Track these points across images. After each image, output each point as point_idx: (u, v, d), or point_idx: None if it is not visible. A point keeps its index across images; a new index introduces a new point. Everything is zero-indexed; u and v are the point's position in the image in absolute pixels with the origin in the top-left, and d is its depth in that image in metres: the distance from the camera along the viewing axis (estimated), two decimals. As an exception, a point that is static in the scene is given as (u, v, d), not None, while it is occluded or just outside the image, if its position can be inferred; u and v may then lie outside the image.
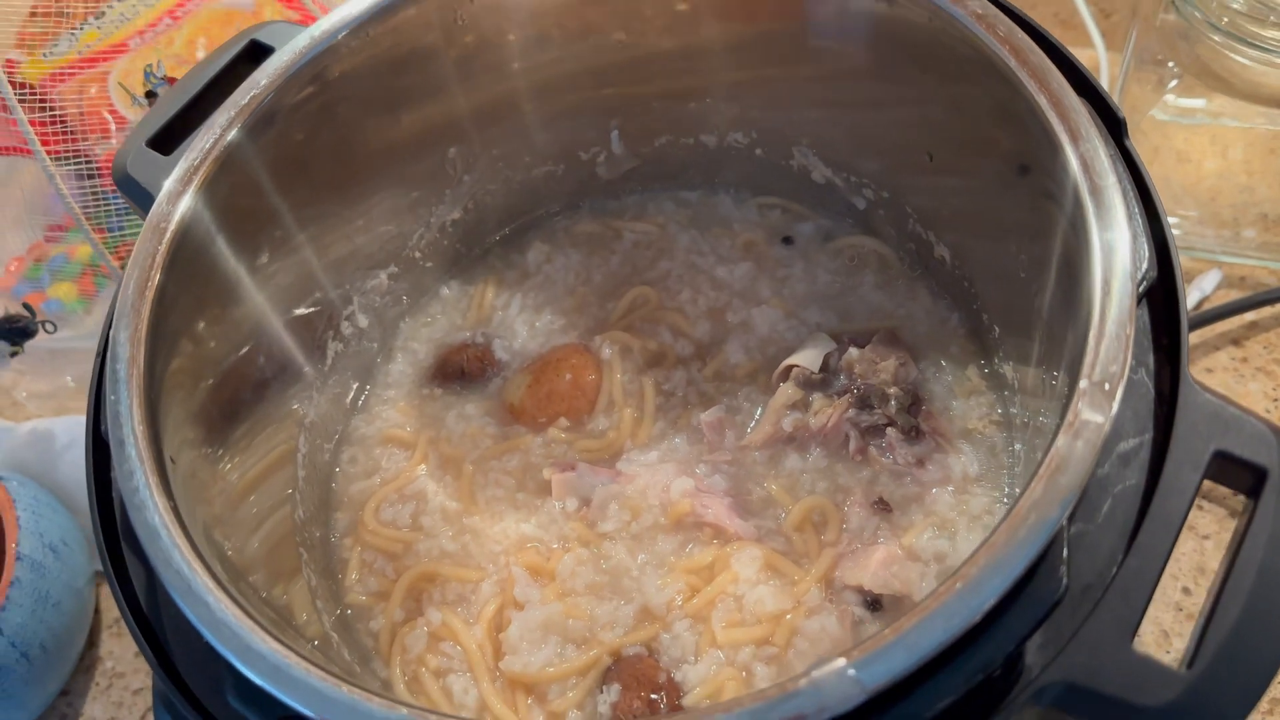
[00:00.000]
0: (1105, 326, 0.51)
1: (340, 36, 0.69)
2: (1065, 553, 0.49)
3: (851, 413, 0.75)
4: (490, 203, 0.85)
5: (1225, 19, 0.89)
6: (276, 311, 0.73)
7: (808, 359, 0.77)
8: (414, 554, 0.76)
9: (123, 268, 1.04)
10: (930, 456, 0.74)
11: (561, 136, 0.84)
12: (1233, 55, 0.92)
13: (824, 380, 0.76)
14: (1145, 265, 0.55)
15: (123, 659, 0.95)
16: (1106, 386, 0.50)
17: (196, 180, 0.64)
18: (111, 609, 0.97)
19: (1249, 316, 0.98)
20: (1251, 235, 1.06)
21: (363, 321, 0.82)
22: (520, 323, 0.85)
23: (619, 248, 0.88)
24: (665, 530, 0.74)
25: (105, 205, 1.11)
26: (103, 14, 1.17)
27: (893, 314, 0.81)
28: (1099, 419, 0.49)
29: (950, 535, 0.72)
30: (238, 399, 0.69)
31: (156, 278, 0.60)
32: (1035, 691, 0.48)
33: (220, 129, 0.65)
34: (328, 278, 0.77)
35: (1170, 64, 0.97)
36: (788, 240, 0.86)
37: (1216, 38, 0.91)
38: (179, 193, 0.63)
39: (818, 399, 0.76)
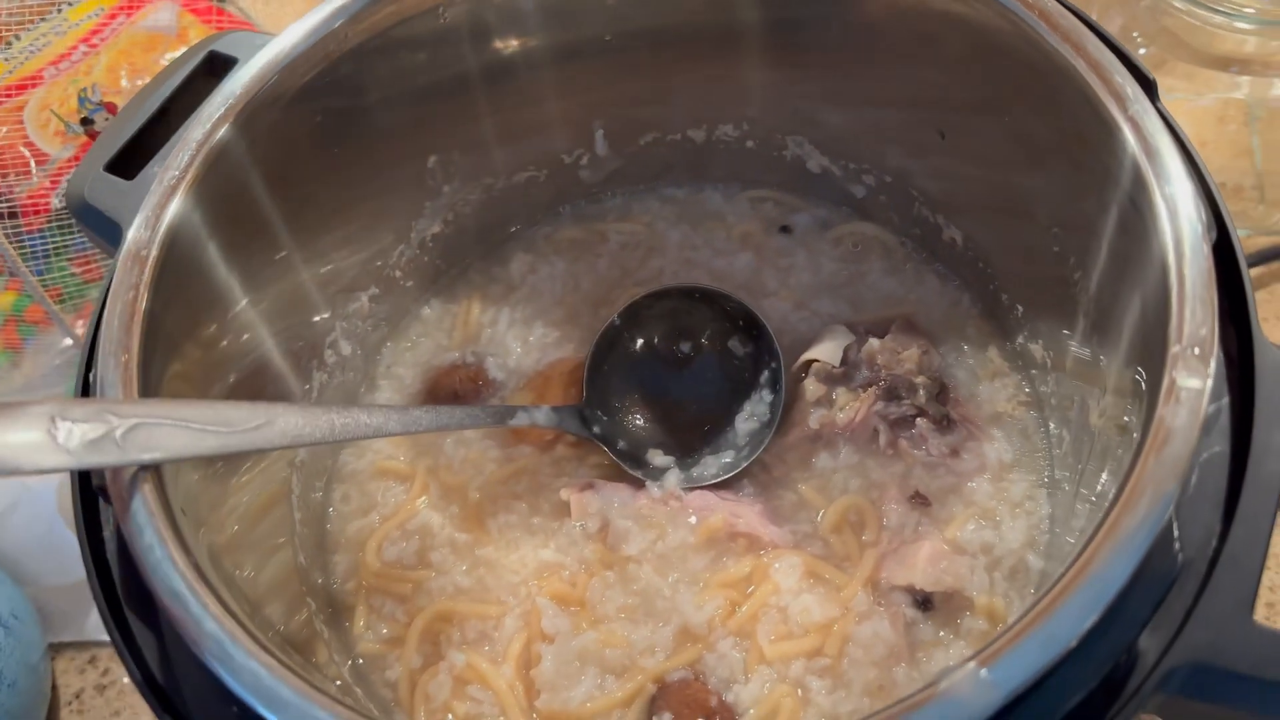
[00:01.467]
0: (1185, 289, 0.49)
1: (315, 41, 0.63)
2: (1176, 528, 0.47)
3: (879, 405, 0.72)
4: (470, 213, 0.80)
5: (1188, -15, 0.90)
6: (263, 344, 0.67)
7: (827, 352, 0.74)
8: (425, 593, 0.71)
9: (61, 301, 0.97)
10: (964, 445, 0.71)
11: (544, 140, 0.80)
12: (1195, 22, 0.93)
13: (845, 374, 0.73)
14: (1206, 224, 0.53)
15: (87, 737, 0.88)
16: (1197, 350, 0.47)
17: (175, 203, 0.58)
18: (70, 684, 0.90)
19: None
20: (1211, 206, 1.06)
21: (345, 349, 0.76)
22: (511, 338, 0.81)
23: (605, 250, 0.84)
24: (694, 546, 0.70)
25: (24, 248, 1.03)
26: (10, 45, 1.09)
27: (905, 299, 0.79)
28: (1197, 384, 0.46)
29: (994, 525, 0.69)
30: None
31: (142, 308, 0.54)
32: (1162, 677, 0.45)
33: (195, 145, 0.59)
34: (311, 304, 0.72)
35: (1135, 34, 0.97)
36: (785, 229, 0.83)
37: (1179, 4, 0.92)
38: (156, 217, 0.57)
39: (841, 393, 0.73)
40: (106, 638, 0.90)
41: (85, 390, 0.57)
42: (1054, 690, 0.44)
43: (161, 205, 0.58)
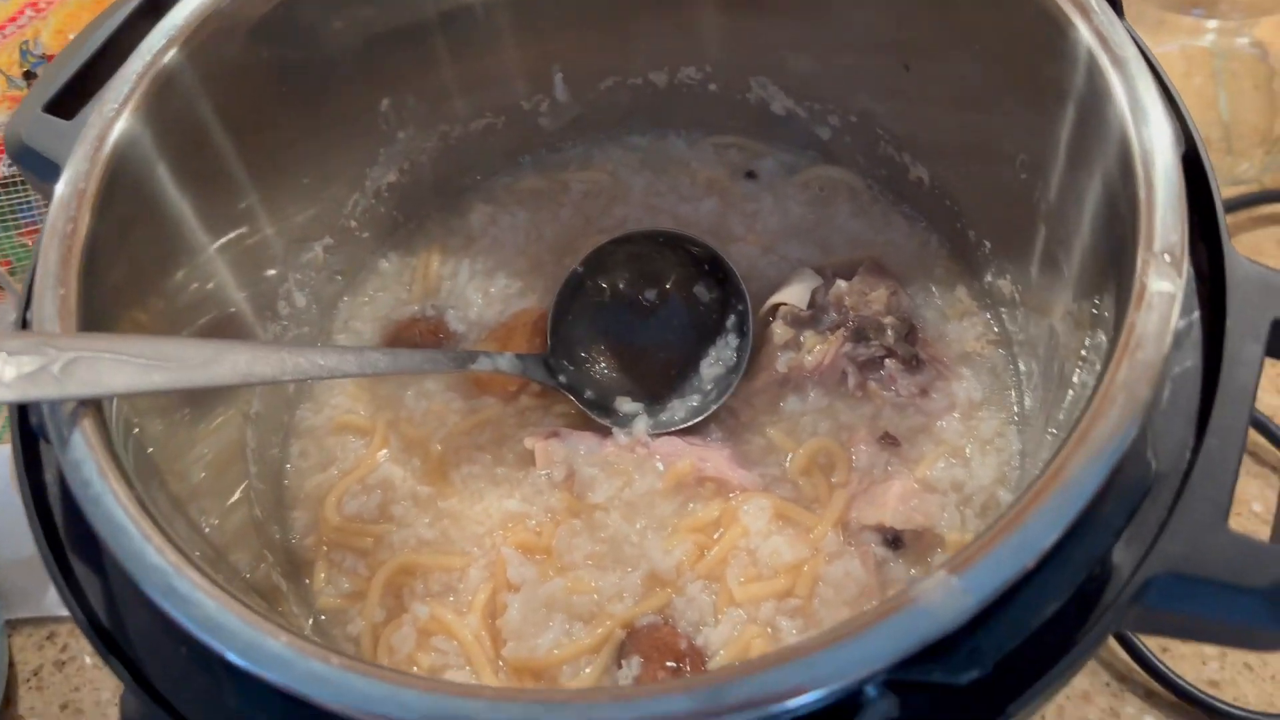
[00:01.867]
0: (1155, 196, 0.48)
1: (261, -28, 0.62)
2: (1150, 436, 0.46)
3: (848, 347, 0.70)
4: (427, 163, 0.78)
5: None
6: (214, 287, 0.65)
7: (794, 295, 0.73)
8: (387, 547, 0.69)
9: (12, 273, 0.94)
10: (933, 385, 0.70)
11: (501, 84, 0.78)
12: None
13: (813, 317, 0.72)
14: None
15: (47, 714, 0.85)
16: (1168, 257, 0.46)
17: (114, 135, 0.56)
18: (28, 661, 0.88)
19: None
20: (1178, 157, 1.06)
21: (299, 300, 0.74)
22: (472, 290, 0.79)
23: (567, 200, 0.82)
24: (662, 492, 0.69)
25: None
26: (-48, 10, 1.06)
27: (873, 242, 0.78)
28: (1169, 287, 0.45)
29: (964, 462, 0.68)
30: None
31: (81, 241, 0.52)
32: (1138, 588, 0.44)
33: (135, 77, 0.57)
34: (263, 248, 0.70)
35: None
36: (750, 175, 0.81)
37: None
38: (95, 149, 0.55)
39: (809, 336, 0.72)
40: (66, 613, 0.88)
41: (24, 328, 0.55)
42: (1027, 602, 0.43)
43: (101, 137, 0.55)
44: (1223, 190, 1.09)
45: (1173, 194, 0.48)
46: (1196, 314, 0.51)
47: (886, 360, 0.70)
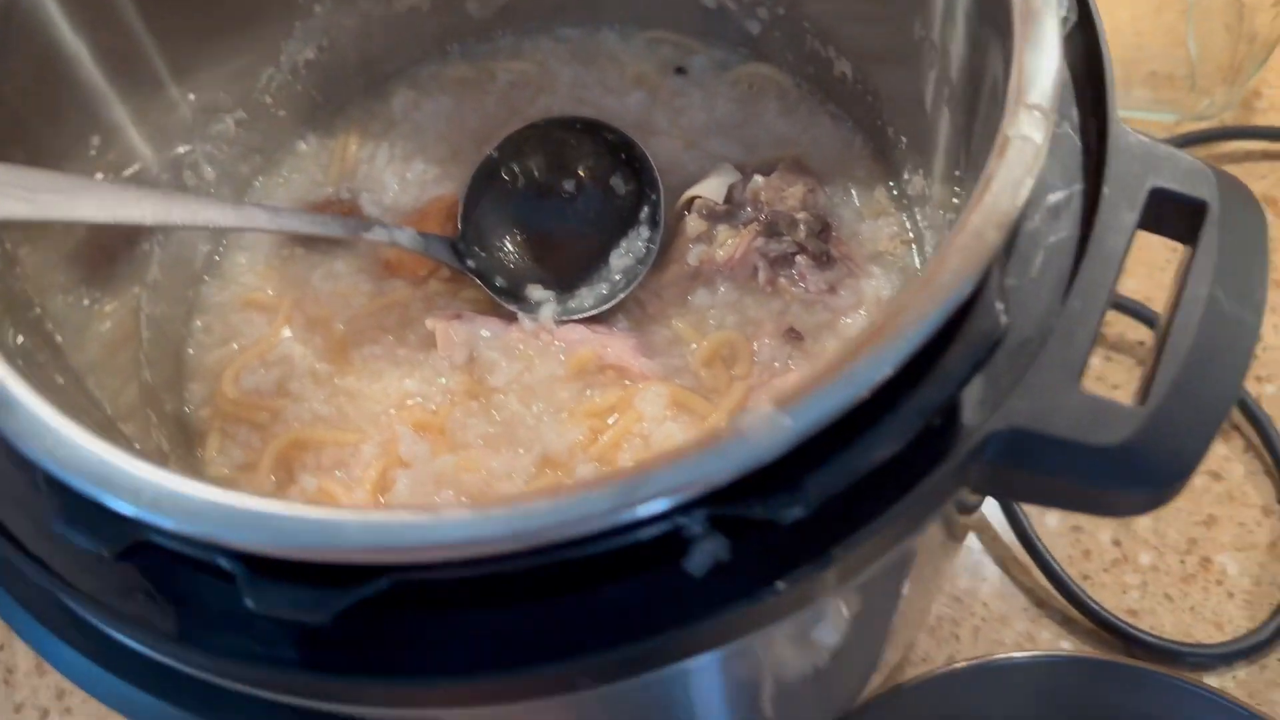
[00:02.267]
0: (1028, 51, 0.46)
1: None
2: (1002, 290, 0.45)
3: (760, 242, 0.69)
4: (348, 43, 0.77)
5: None
6: (109, 159, 0.64)
7: (711, 189, 0.71)
8: (283, 421, 0.68)
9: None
10: (842, 282, 0.69)
11: (425, -37, 0.77)
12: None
13: (729, 212, 0.71)
14: (1066, 8, 0.50)
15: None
16: (1038, 112, 0.45)
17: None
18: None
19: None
20: (1143, 94, 1.05)
21: (208, 173, 0.73)
22: (389, 175, 0.78)
23: (493, 89, 0.81)
24: (562, 378, 0.68)
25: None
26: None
27: (798, 141, 0.76)
28: (1033, 136, 0.44)
29: (866, 358, 0.67)
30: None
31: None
32: (980, 441, 0.43)
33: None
34: (166, 116, 0.68)
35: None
36: (681, 70, 0.80)
37: None
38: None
39: (723, 230, 0.70)
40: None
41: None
42: (859, 447, 0.41)
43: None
44: (1185, 127, 1.08)
45: (1048, 50, 0.46)
46: (1078, 186, 0.50)
47: (797, 257, 0.69)
